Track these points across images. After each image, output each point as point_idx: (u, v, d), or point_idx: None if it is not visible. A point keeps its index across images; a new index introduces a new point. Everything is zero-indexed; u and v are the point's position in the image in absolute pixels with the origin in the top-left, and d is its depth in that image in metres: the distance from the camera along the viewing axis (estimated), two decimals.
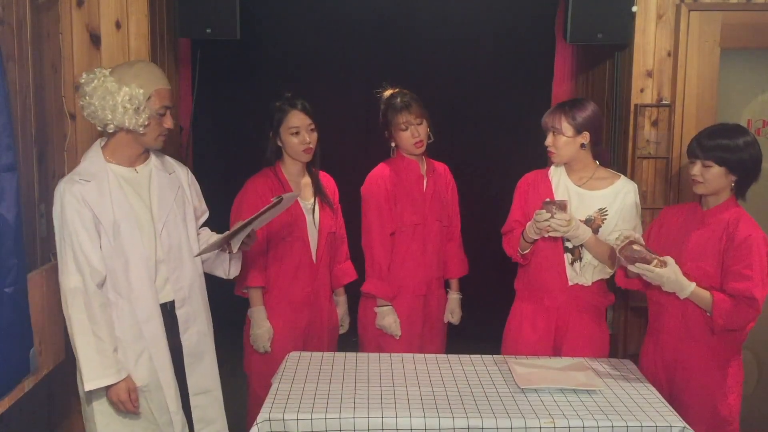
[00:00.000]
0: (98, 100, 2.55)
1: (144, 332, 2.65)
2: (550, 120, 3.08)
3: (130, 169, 2.69)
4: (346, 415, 2.38)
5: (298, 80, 5.18)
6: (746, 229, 2.69)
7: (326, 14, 5.03)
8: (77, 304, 2.57)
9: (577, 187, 3.10)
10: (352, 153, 5.34)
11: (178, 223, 2.75)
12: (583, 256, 3.06)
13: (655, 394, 2.60)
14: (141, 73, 2.62)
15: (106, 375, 2.56)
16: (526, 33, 4.99)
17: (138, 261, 2.64)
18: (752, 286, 2.63)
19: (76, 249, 2.57)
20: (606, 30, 3.62)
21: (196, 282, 2.81)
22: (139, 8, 3.40)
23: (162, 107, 2.64)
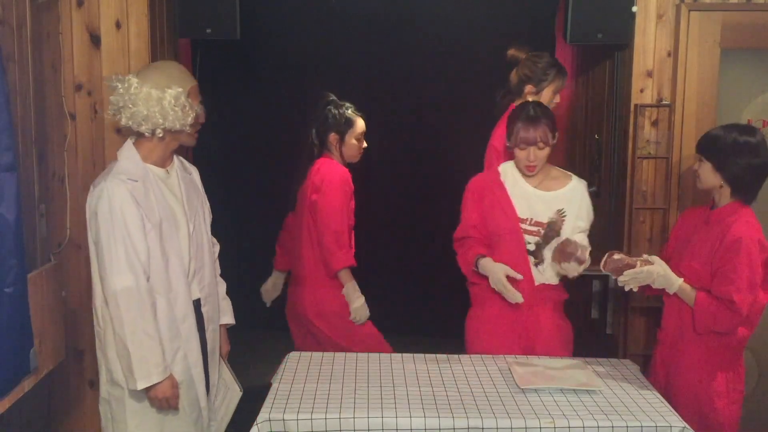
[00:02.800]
0: (145, 106, 2.55)
1: (181, 330, 2.67)
2: (533, 135, 2.94)
3: (162, 170, 2.71)
4: (346, 415, 2.38)
5: (298, 80, 5.19)
6: (739, 230, 2.64)
7: (326, 14, 5.03)
8: (130, 304, 2.53)
9: (535, 189, 3.05)
10: None
11: (202, 224, 2.81)
12: (544, 258, 3.04)
13: (655, 394, 2.60)
14: (174, 74, 2.66)
15: (156, 373, 2.56)
16: (526, 33, 4.98)
17: (176, 260, 2.66)
18: (733, 291, 2.60)
19: (128, 246, 2.53)
20: (606, 30, 3.63)
21: (213, 281, 2.87)
22: (139, 8, 3.40)
23: (198, 103, 2.71)
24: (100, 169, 3.49)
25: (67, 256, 3.42)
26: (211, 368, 2.85)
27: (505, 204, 3.03)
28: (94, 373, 3.59)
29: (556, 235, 3.02)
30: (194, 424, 2.74)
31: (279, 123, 5.26)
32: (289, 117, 5.27)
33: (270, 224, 5.40)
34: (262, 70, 5.18)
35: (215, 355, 2.88)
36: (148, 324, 2.56)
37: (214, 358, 2.87)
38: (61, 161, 3.40)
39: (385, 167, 5.35)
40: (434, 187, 5.17)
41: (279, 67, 5.18)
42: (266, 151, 5.33)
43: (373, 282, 5.50)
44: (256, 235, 5.36)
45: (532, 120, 2.96)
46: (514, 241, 3.00)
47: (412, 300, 5.34)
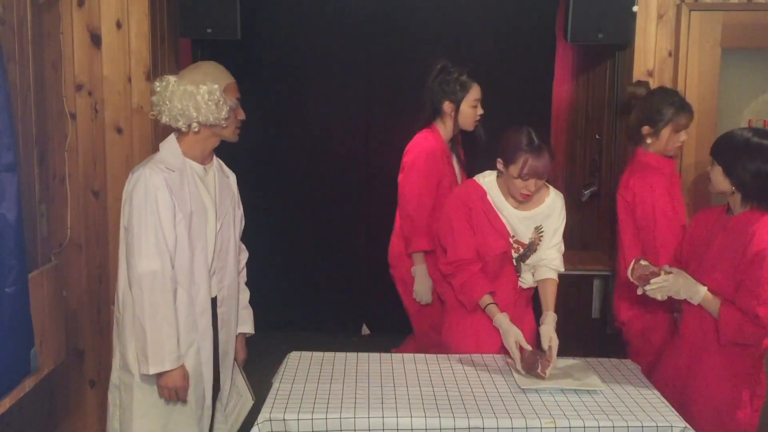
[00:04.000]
0: (179, 101, 2.63)
1: (198, 324, 2.70)
2: (543, 166, 2.81)
3: (201, 167, 2.77)
4: (346, 415, 2.38)
5: (298, 80, 5.19)
6: (762, 241, 2.53)
7: (326, 14, 5.03)
8: (154, 287, 2.56)
9: (516, 211, 2.97)
10: (352, 152, 5.34)
11: (230, 225, 2.85)
12: (522, 269, 3.03)
13: (655, 394, 2.60)
14: (210, 71, 2.72)
15: (170, 360, 2.58)
16: (526, 33, 4.99)
17: (201, 254, 2.69)
18: (757, 305, 2.52)
19: (158, 232, 2.58)
20: (606, 30, 3.63)
21: (233, 284, 2.88)
22: (139, 8, 3.40)
23: (235, 99, 2.75)
24: (100, 168, 3.49)
25: (68, 256, 3.43)
26: (222, 371, 2.86)
27: (496, 222, 2.96)
28: (95, 373, 3.60)
29: (532, 253, 3.01)
30: (198, 421, 2.75)
31: (279, 123, 5.26)
32: (289, 117, 5.28)
33: (270, 223, 5.42)
34: (262, 70, 5.18)
35: (227, 359, 2.88)
36: (169, 310, 2.59)
37: (226, 361, 2.88)
38: (62, 161, 3.40)
39: (386, 166, 5.34)
40: None
41: (279, 67, 5.17)
42: (266, 151, 5.32)
43: (372, 282, 5.53)
44: (257, 235, 5.37)
45: (540, 150, 2.81)
46: (506, 257, 2.98)
47: None
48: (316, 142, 5.29)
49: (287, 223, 5.43)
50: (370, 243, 5.48)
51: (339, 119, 5.26)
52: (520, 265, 3.02)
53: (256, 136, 5.30)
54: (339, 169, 5.36)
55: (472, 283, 2.94)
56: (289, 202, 5.40)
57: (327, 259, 5.48)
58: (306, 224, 5.44)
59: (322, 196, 5.39)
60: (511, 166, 2.85)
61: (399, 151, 5.31)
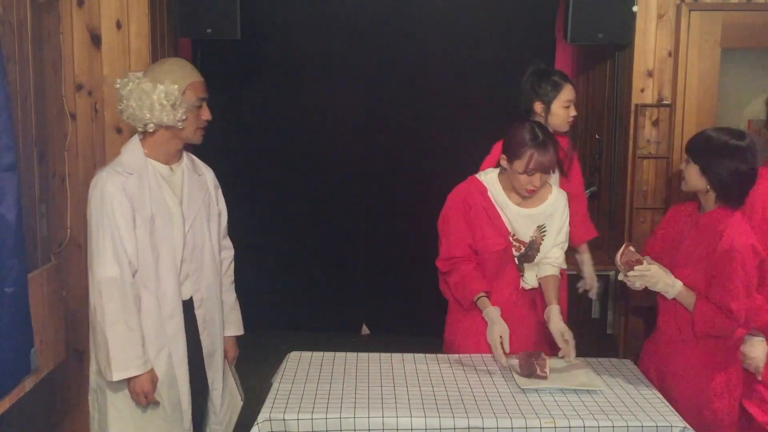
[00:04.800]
0: (135, 101, 2.58)
1: (166, 328, 2.66)
2: (549, 162, 2.82)
3: (166, 167, 2.71)
4: (346, 415, 2.38)
5: (298, 80, 5.19)
6: (731, 237, 2.60)
7: (326, 14, 5.03)
8: (112, 295, 2.54)
9: (518, 207, 2.96)
10: (352, 152, 5.34)
11: (203, 225, 2.79)
12: (525, 269, 3.02)
13: (655, 394, 2.60)
14: (173, 70, 2.65)
15: (135, 366, 2.56)
16: (526, 33, 4.99)
17: (167, 257, 2.65)
18: (730, 300, 2.59)
19: (115, 239, 2.55)
20: (606, 30, 3.63)
21: (214, 284, 2.84)
22: (139, 8, 3.40)
23: (198, 99, 2.67)
24: (100, 168, 3.49)
25: (68, 256, 3.42)
26: (210, 372, 2.84)
27: (496, 220, 2.95)
28: None
29: (536, 252, 2.99)
30: (174, 424, 2.72)
31: (279, 122, 5.27)
32: (289, 116, 5.28)
33: (270, 223, 5.42)
34: (262, 70, 5.18)
35: (215, 360, 2.86)
36: (130, 316, 2.56)
37: (214, 362, 2.86)
38: (62, 161, 3.40)
39: (386, 166, 5.35)
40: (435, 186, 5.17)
41: (279, 67, 5.17)
42: (266, 151, 5.33)
43: (372, 282, 5.53)
44: (257, 235, 5.37)
45: (545, 144, 2.81)
46: (506, 255, 2.96)
47: (412, 300, 5.33)
48: (317, 141, 5.29)
49: (287, 222, 5.43)
50: (370, 243, 5.49)
51: (339, 119, 5.26)
52: (522, 264, 3.02)
53: (256, 136, 5.33)
54: (339, 169, 5.36)
55: (467, 281, 2.94)
56: (289, 202, 5.40)
57: (327, 259, 5.49)
58: (306, 224, 5.44)
59: (323, 196, 5.40)
60: (516, 162, 2.84)
61: (399, 150, 5.35)
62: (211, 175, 2.93)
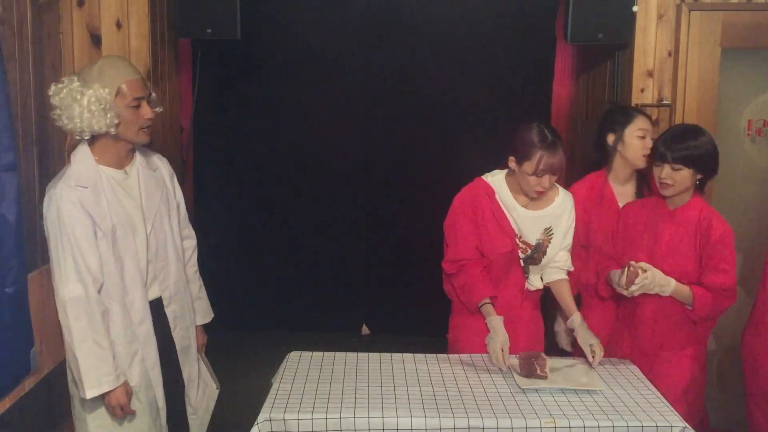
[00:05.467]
0: (65, 110, 2.48)
1: (138, 334, 2.65)
2: (558, 163, 2.82)
3: (120, 171, 2.63)
4: (346, 414, 2.38)
5: (298, 80, 5.19)
6: (720, 226, 2.85)
7: (326, 14, 5.03)
8: (78, 313, 2.51)
9: (524, 209, 2.96)
10: (353, 152, 5.33)
11: (164, 222, 2.75)
12: (530, 272, 3.02)
13: (655, 394, 2.60)
14: (104, 71, 2.52)
15: (107, 382, 2.55)
16: (526, 33, 4.99)
17: (132, 264, 2.61)
18: (728, 279, 2.83)
19: (77, 256, 2.49)
20: (606, 30, 3.62)
21: (180, 279, 2.81)
22: (139, 8, 3.40)
23: (134, 99, 2.53)
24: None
25: None
26: (185, 366, 2.85)
27: (503, 222, 2.95)
28: None
29: (542, 255, 2.99)
30: (152, 423, 2.73)
31: (279, 122, 5.26)
32: (290, 116, 5.27)
33: (270, 223, 5.42)
34: (262, 70, 5.18)
35: (188, 353, 2.87)
36: (98, 334, 2.53)
37: (188, 355, 2.86)
38: (62, 161, 3.39)
39: (386, 167, 5.35)
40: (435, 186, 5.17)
41: (279, 67, 5.17)
42: (266, 151, 5.33)
43: (372, 282, 5.53)
44: (257, 235, 5.37)
45: (554, 145, 2.81)
46: (512, 257, 2.96)
47: (412, 300, 5.33)
48: (317, 141, 5.29)
49: (287, 222, 5.43)
50: (370, 243, 5.49)
51: (339, 119, 5.25)
52: (528, 266, 3.01)
53: (256, 136, 5.32)
54: (339, 169, 5.36)
55: (472, 285, 2.94)
56: (289, 202, 5.40)
57: (327, 259, 5.49)
58: (306, 224, 5.44)
59: (323, 196, 5.39)
60: (526, 163, 2.84)
61: (399, 150, 5.35)
62: (165, 166, 2.85)
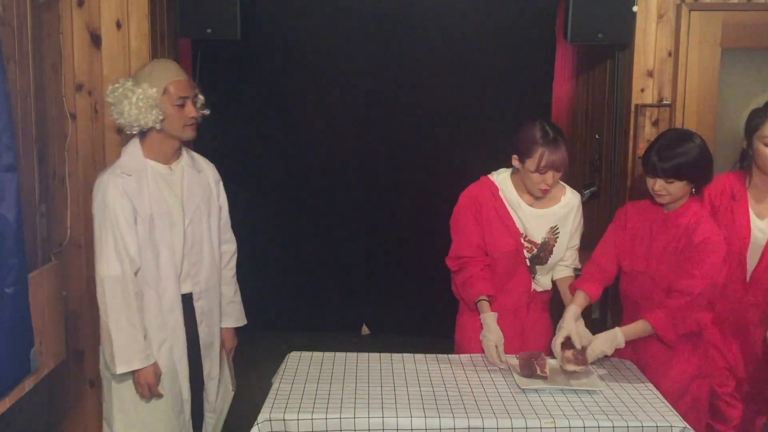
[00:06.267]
0: (117, 106, 2.71)
1: (167, 322, 2.78)
2: (561, 158, 2.81)
3: (165, 166, 2.82)
4: (346, 415, 2.38)
5: (298, 80, 5.19)
6: (705, 231, 2.73)
7: (326, 14, 5.03)
8: (115, 291, 2.67)
9: (530, 208, 2.95)
10: (353, 152, 5.34)
11: (203, 220, 2.89)
12: (537, 271, 3.01)
13: (655, 394, 2.60)
14: (154, 72, 2.75)
15: (138, 359, 2.69)
16: (526, 33, 4.98)
17: (167, 254, 2.76)
18: (692, 284, 2.68)
19: (117, 237, 2.68)
20: (606, 30, 3.62)
21: (213, 278, 2.93)
22: (139, 8, 3.40)
23: (178, 98, 2.74)
24: (100, 168, 3.49)
25: (68, 256, 3.42)
26: (206, 362, 2.94)
27: (507, 220, 2.95)
28: (94, 373, 3.59)
29: (548, 255, 2.98)
30: (175, 415, 2.84)
31: (279, 122, 5.26)
32: (290, 116, 5.27)
33: (269, 223, 5.42)
34: (262, 70, 5.18)
35: (211, 350, 2.95)
36: (132, 313, 2.69)
37: (210, 352, 2.95)
38: (62, 161, 3.40)
39: (386, 167, 5.35)
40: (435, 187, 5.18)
41: (279, 67, 5.17)
42: (266, 151, 5.33)
43: (372, 282, 5.53)
44: (257, 235, 5.37)
45: (556, 142, 2.81)
46: (515, 254, 2.96)
47: (411, 300, 5.34)
48: (317, 141, 5.29)
49: (287, 222, 5.43)
50: (370, 243, 5.49)
51: (339, 119, 5.25)
52: (534, 266, 3.01)
53: (255, 136, 5.32)
54: (339, 169, 5.36)
55: (473, 282, 2.94)
56: (289, 202, 5.40)
57: (327, 259, 5.49)
58: (306, 224, 5.44)
59: (323, 196, 5.39)
60: (528, 161, 2.84)
61: (400, 149, 5.35)
62: (212, 171, 3.03)
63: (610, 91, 4.06)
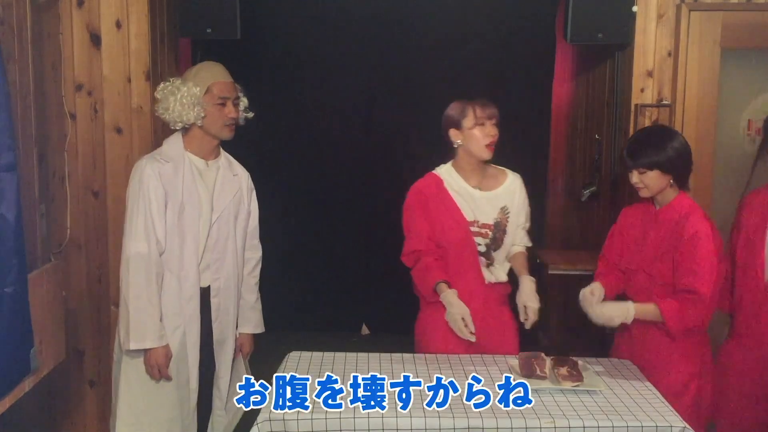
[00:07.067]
0: (163, 102, 2.82)
1: (184, 310, 2.84)
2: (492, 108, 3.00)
3: (202, 161, 2.92)
4: (346, 414, 2.38)
5: (298, 80, 5.19)
6: (695, 224, 2.75)
7: (326, 14, 5.03)
8: (139, 269, 2.75)
9: (477, 191, 3.02)
10: (353, 152, 5.34)
11: (230, 220, 2.96)
12: (495, 259, 3.03)
13: (655, 394, 2.60)
14: (199, 72, 2.88)
15: (151, 339, 2.76)
16: (526, 33, 4.99)
17: (192, 243, 2.84)
18: (696, 281, 2.69)
19: (147, 218, 2.76)
20: (606, 30, 3.63)
21: (232, 277, 2.98)
22: (139, 8, 3.41)
23: (219, 98, 2.86)
24: (100, 168, 3.50)
25: (68, 256, 3.43)
26: (219, 358, 2.98)
27: (453, 210, 2.99)
28: (95, 373, 3.60)
29: (503, 234, 3.02)
30: (180, 402, 2.87)
31: (279, 123, 5.26)
32: (289, 117, 5.28)
33: (269, 223, 5.41)
34: (262, 70, 5.18)
35: (225, 348, 2.99)
36: (152, 292, 2.76)
37: (224, 350, 2.99)
38: (62, 161, 3.40)
39: (386, 166, 5.35)
40: None
41: (279, 66, 5.18)
42: (265, 151, 5.32)
43: (372, 282, 5.53)
44: None
45: (480, 98, 3.01)
46: (465, 245, 2.98)
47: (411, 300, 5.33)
48: (317, 142, 5.29)
49: (287, 222, 5.42)
50: (370, 243, 5.49)
51: (339, 119, 5.26)
52: (491, 252, 3.02)
53: (255, 136, 5.31)
54: (339, 169, 5.36)
55: (427, 271, 2.96)
56: (289, 202, 5.40)
57: (327, 259, 5.49)
58: (306, 224, 5.44)
59: (322, 196, 5.40)
60: (464, 120, 2.97)
61: (399, 149, 5.35)
62: (245, 177, 3.12)
63: (609, 91, 4.07)
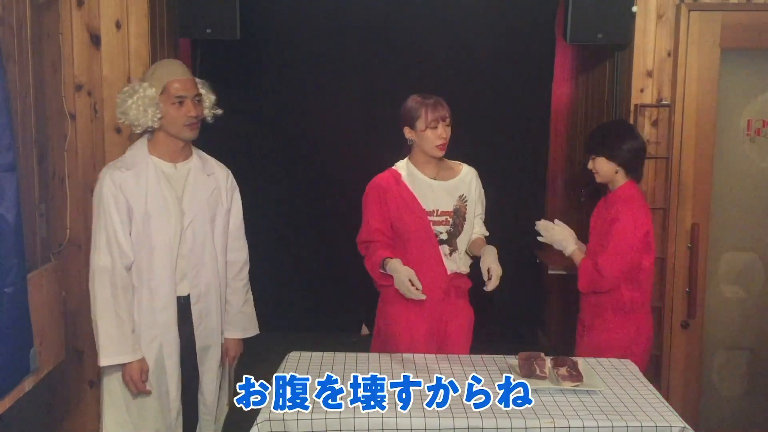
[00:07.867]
0: (121, 105, 2.75)
1: (158, 320, 2.77)
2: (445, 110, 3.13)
3: (170, 165, 2.82)
4: (346, 415, 2.38)
5: (298, 80, 5.19)
6: (619, 211, 3.08)
7: (326, 14, 5.03)
8: (103, 282, 2.69)
9: (434, 181, 3.10)
10: (352, 152, 5.34)
11: (206, 223, 2.86)
12: (458, 247, 3.08)
13: (655, 394, 2.61)
14: (155, 71, 2.78)
15: (123, 353, 2.69)
16: (526, 33, 4.99)
17: (162, 252, 2.75)
18: (601, 257, 3.07)
19: (109, 230, 2.70)
20: (606, 30, 3.63)
21: (213, 282, 2.89)
22: (139, 8, 3.40)
23: (176, 97, 2.74)
24: (100, 168, 3.48)
25: (67, 256, 3.43)
26: (203, 366, 2.92)
27: (410, 201, 3.06)
28: (94, 373, 3.60)
29: (463, 220, 3.09)
30: (161, 413, 2.82)
31: (278, 123, 5.26)
32: (289, 117, 5.27)
33: (269, 224, 5.42)
34: (262, 70, 5.18)
35: (209, 354, 2.93)
36: (120, 306, 2.70)
37: (208, 356, 2.92)
38: (61, 161, 3.40)
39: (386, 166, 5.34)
40: None
41: (279, 67, 5.17)
42: (265, 151, 5.33)
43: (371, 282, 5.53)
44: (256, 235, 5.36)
45: (434, 98, 3.14)
46: (425, 235, 3.04)
47: None
48: (316, 142, 5.28)
49: (286, 223, 5.43)
50: None
51: (339, 119, 5.25)
52: (453, 240, 3.07)
53: (255, 137, 5.32)
54: (339, 169, 5.36)
55: (373, 255, 3.03)
56: (288, 202, 5.40)
57: (327, 259, 5.49)
58: (305, 224, 5.44)
59: (322, 196, 5.39)
60: (418, 122, 3.06)
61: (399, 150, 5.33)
62: (224, 175, 2.99)
63: (609, 91, 4.07)
